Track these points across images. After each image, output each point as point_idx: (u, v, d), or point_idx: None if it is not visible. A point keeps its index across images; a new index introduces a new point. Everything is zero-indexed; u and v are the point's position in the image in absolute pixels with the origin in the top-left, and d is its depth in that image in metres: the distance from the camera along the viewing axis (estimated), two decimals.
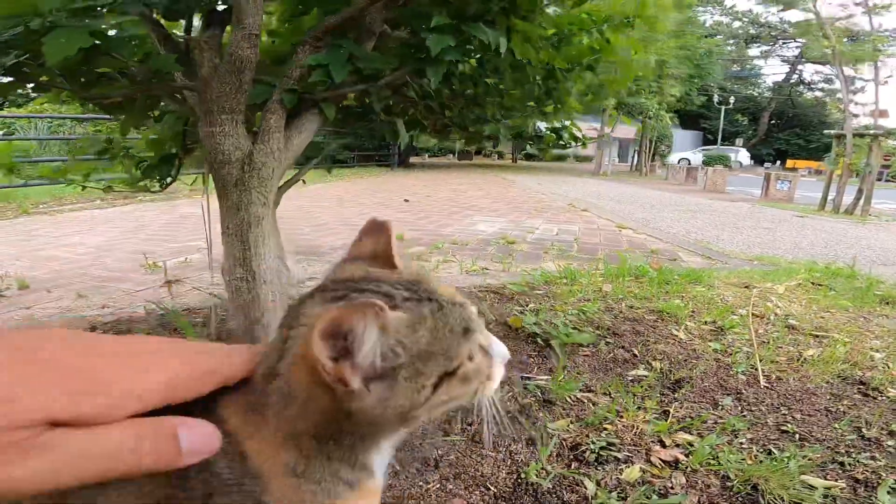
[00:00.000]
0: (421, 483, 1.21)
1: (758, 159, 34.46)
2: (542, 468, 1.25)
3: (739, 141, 32.36)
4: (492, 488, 1.20)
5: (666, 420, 1.45)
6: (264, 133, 1.30)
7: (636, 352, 1.91)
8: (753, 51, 40.98)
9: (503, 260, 3.57)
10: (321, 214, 5.90)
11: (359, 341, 0.41)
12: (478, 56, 1.56)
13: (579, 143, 2.26)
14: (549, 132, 2.20)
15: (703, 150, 29.58)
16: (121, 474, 0.34)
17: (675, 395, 1.61)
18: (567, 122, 2.15)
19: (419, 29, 1.36)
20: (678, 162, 27.73)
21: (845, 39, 10.65)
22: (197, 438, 0.37)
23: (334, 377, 0.41)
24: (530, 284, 2.72)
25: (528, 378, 1.69)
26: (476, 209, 6.78)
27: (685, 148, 34.83)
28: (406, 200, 7.56)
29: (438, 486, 1.21)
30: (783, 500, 1.13)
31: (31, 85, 1.38)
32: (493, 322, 2.15)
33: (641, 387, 1.63)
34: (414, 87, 1.53)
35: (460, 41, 1.32)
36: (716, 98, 33.84)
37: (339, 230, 4.83)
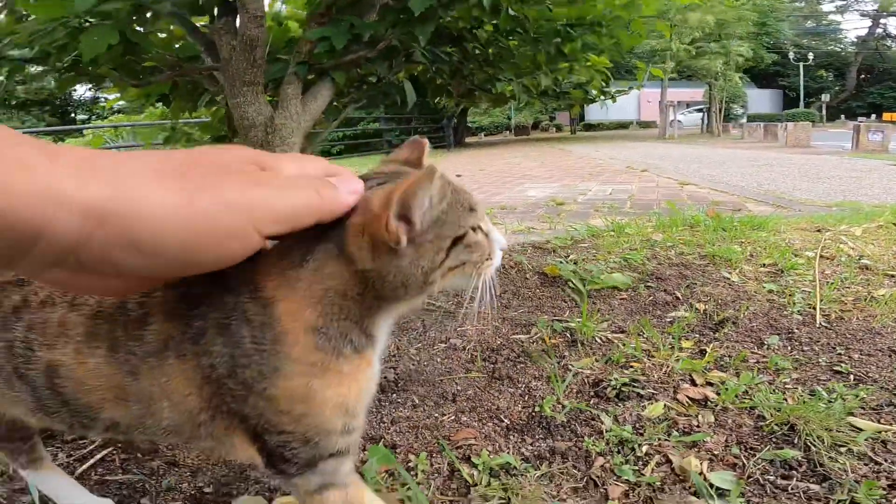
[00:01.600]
0: (436, 415, 1.18)
1: (849, 114, 30.93)
2: (558, 402, 1.18)
3: (826, 96, 28.99)
4: (505, 420, 1.15)
5: (702, 359, 1.32)
6: (283, 101, 1.45)
7: (679, 294, 1.76)
8: (827, 6, 36.91)
9: (550, 219, 3.43)
10: None
11: (418, 205, 0.48)
12: (475, 18, 1.61)
13: (608, 98, 2.21)
14: (573, 88, 2.15)
15: (694, 110, 26.97)
16: (308, 208, 0.44)
17: (716, 336, 1.46)
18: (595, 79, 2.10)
19: None
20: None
21: None
22: (346, 185, 0.47)
23: (393, 236, 0.47)
24: (574, 238, 2.59)
25: (560, 321, 1.60)
26: (529, 178, 6.58)
27: (762, 108, 32.22)
28: (458, 175, 7.46)
29: (453, 417, 1.17)
30: (823, 442, 0.98)
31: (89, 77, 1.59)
32: (531, 272, 2.06)
33: (679, 327, 1.50)
34: (423, 53, 1.53)
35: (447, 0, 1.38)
36: (791, 55, 30.76)
37: None
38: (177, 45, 1.59)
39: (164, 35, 1.67)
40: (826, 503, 0.84)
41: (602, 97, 2.12)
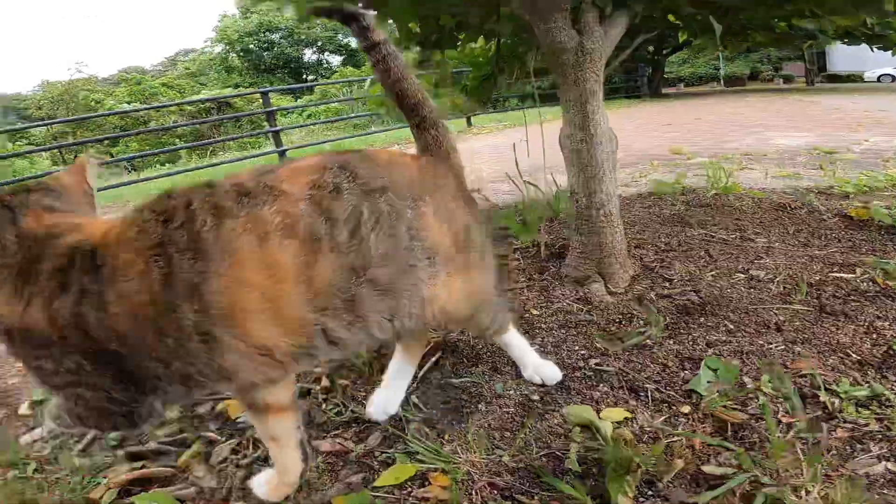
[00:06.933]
0: (761, 342, 1.10)
1: None
2: None
3: None
4: (853, 355, 1.02)
5: None
6: (585, 27, 1.41)
7: None
8: None
9: (822, 166, 2.88)
10: None
11: None
12: None
13: None
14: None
15: None
16: None
17: None
18: None
19: None
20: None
21: None
22: None
23: None
24: (868, 186, 2.15)
25: (887, 263, 1.35)
26: (765, 126, 5.55)
27: None
28: (668, 125, 6.64)
29: (783, 347, 1.08)
30: None
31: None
32: (828, 213, 1.77)
33: None
34: None
35: None
36: None
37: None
38: None
39: None
40: None
41: None
